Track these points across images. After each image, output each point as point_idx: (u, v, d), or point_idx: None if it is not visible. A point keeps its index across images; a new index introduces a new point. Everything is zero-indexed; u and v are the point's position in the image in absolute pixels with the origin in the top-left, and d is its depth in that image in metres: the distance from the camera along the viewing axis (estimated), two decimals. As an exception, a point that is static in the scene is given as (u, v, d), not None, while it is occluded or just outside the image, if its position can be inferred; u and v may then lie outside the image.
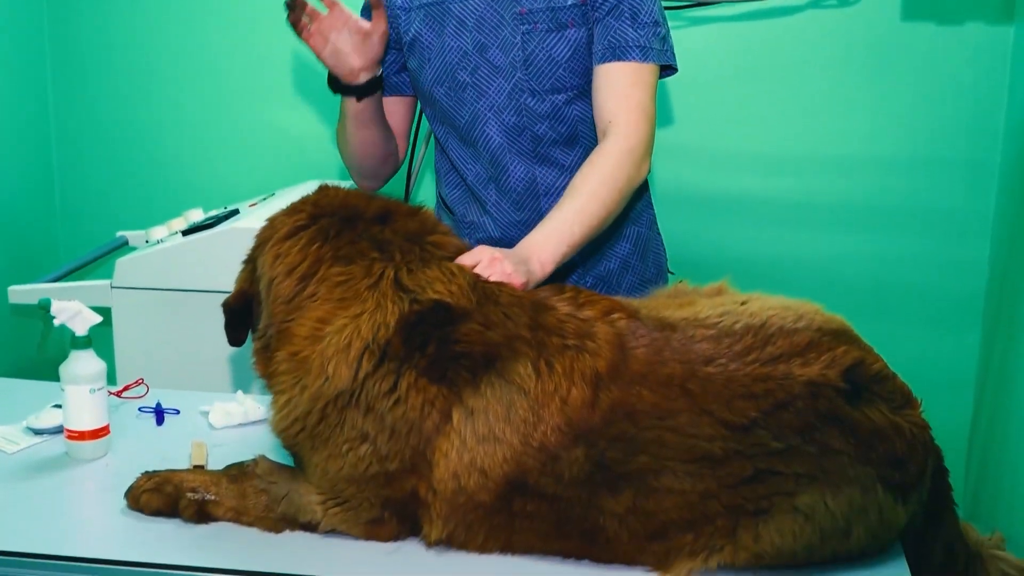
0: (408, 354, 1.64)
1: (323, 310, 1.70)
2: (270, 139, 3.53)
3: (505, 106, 2.17)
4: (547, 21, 2.11)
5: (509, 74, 2.15)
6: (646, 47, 2.07)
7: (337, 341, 1.66)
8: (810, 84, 3.22)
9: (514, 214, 2.24)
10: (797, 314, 1.72)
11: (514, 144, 2.19)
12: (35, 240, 3.59)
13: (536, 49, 2.12)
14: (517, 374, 1.64)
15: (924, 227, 3.21)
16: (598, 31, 2.10)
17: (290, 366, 1.71)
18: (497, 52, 2.15)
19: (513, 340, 1.67)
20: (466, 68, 2.17)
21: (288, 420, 1.72)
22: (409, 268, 1.72)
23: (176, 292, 2.72)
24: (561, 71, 2.13)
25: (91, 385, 2.00)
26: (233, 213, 2.90)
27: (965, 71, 3.13)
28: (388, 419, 1.64)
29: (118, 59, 3.58)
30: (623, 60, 2.08)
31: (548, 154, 2.20)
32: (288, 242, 1.76)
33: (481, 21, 2.15)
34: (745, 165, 3.28)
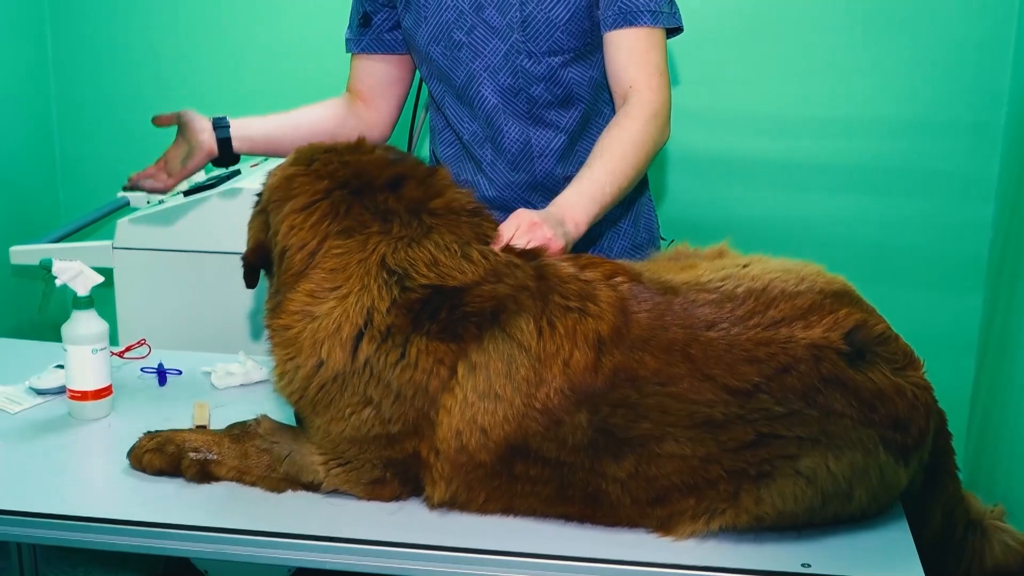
0: (417, 324, 1.64)
1: (314, 281, 1.71)
2: (273, 98, 3.50)
3: (501, 67, 2.15)
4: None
5: (506, 35, 2.12)
6: (656, 11, 2.06)
7: (327, 324, 1.66)
8: (812, 44, 3.19)
9: (509, 175, 2.23)
10: (799, 276, 1.71)
11: (509, 105, 2.17)
12: (36, 201, 3.58)
13: (534, 10, 2.10)
14: (519, 329, 1.64)
15: (927, 189, 3.20)
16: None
17: (282, 340, 1.72)
18: (494, 12, 2.12)
19: (520, 291, 1.67)
20: (462, 27, 2.15)
21: (286, 391, 1.73)
22: (399, 244, 1.70)
23: (178, 253, 2.72)
24: (559, 33, 2.11)
25: (93, 345, 2.00)
26: (235, 173, 2.89)
27: (970, 32, 3.10)
28: (394, 384, 1.64)
29: (119, 18, 3.56)
30: (635, 25, 2.06)
31: (543, 116, 2.18)
32: (303, 214, 1.75)
33: None
34: (746, 126, 3.26)
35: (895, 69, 3.15)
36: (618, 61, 2.09)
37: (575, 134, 2.20)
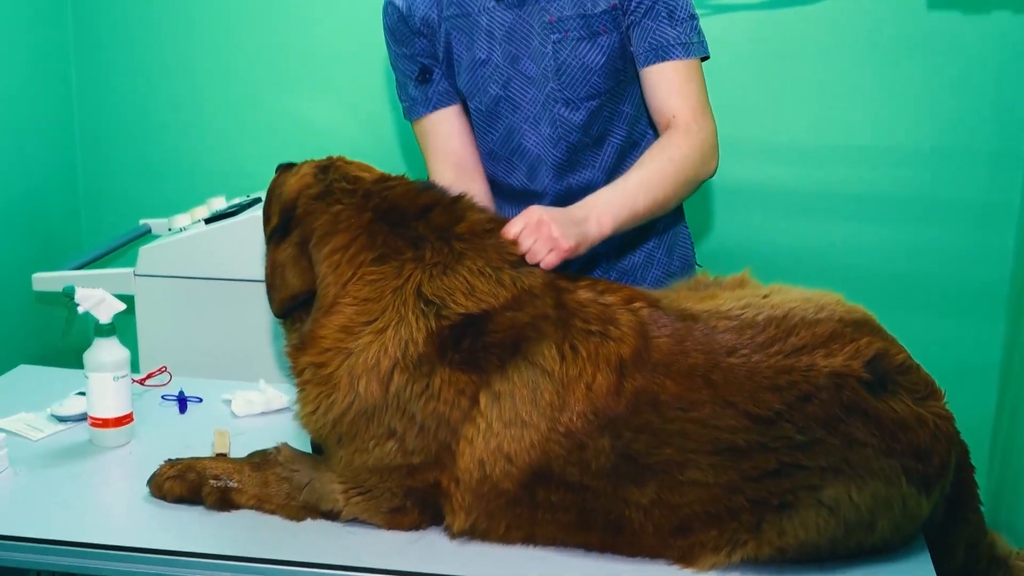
0: (442, 354, 1.65)
1: (347, 315, 1.71)
2: (292, 127, 3.53)
3: (540, 117, 2.13)
4: (578, 29, 2.07)
5: (542, 84, 2.11)
6: (687, 43, 2.06)
7: (365, 360, 1.66)
8: (835, 73, 3.20)
9: None
10: (819, 305, 1.71)
11: (550, 156, 2.15)
12: (59, 228, 3.60)
13: (568, 58, 2.08)
14: (542, 355, 1.64)
15: (948, 217, 3.19)
16: (636, 34, 2.07)
17: (315, 378, 1.71)
18: (528, 62, 2.11)
19: (539, 320, 1.67)
20: (498, 81, 2.13)
21: (315, 425, 1.73)
22: (434, 271, 1.71)
23: (199, 280, 2.73)
24: (595, 78, 2.10)
25: (115, 373, 2.01)
26: (256, 201, 2.90)
27: (990, 60, 3.10)
28: (418, 416, 1.64)
29: (140, 47, 3.59)
30: (667, 59, 2.06)
31: (579, 159, 2.17)
32: (348, 253, 1.75)
33: (511, 32, 2.10)
34: (768, 154, 3.26)
35: (914, 96, 3.15)
36: (659, 96, 2.08)
37: (612, 171, 2.18)
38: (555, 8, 2.07)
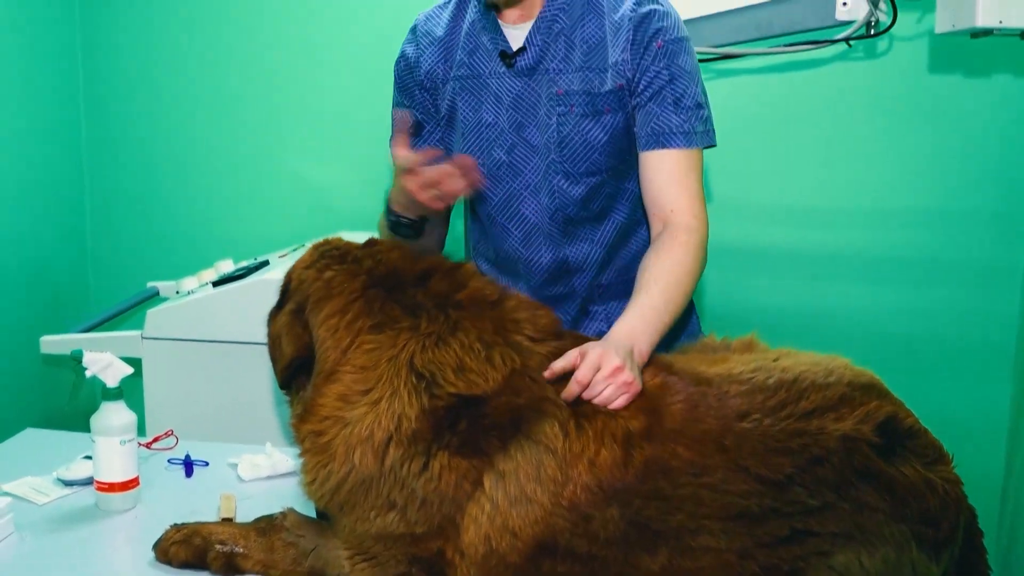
0: (438, 435, 1.64)
1: (344, 383, 1.71)
2: (298, 191, 3.56)
3: (541, 186, 2.12)
4: (583, 105, 2.06)
5: (544, 154, 2.10)
6: (689, 132, 2.03)
7: (360, 431, 1.66)
8: (838, 135, 3.22)
9: (546, 289, 2.19)
10: (828, 369, 1.71)
11: (547, 226, 2.14)
12: (67, 290, 3.62)
13: (571, 132, 2.07)
14: (544, 434, 1.63)
15: (953, 279, 3.20)
16: (640, 116, 2.06)
17: (313, 447, 1.71)
18: (533, 131, 2.10)
19: (540, 402, 1.66)
20: (502, 146, 2.12)
21: (316, 494, 1.73)
22: (427, 342, 1.70)
23: (206, 343, 2.74)
24: (597, 155, 2.09)
25: (121, 437, 2.01)
26: (263, 264, 2.92)
27: (993, 123, 3.13)
28: (419, 492, 1.63)
29: (149, 112, 3.63)
30: (668, 147, 2.04)
31: (577, 233, 2.15)
32: (339, 316, 1.75)
33: (518, 99, 2.10)
34: (772, 217, 3.28)
35: (918, 159, 3.17)
36: (656, 183, 2.05)
37: (612, 246, 2.18)
38: (564, 81, 2.07)
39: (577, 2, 2.09)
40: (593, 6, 2.09)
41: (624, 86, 2.06)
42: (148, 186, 3.66)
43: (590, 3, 2.09)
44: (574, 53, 2.07)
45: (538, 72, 2.09)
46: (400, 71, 2.23)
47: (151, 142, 3.64)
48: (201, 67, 3.57)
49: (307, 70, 3.52)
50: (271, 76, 3.53)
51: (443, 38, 2.17)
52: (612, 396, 1.69)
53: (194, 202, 3.64)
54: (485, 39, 2.12)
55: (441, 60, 2.17)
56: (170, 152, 3.64)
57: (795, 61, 3.17)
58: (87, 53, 3.64)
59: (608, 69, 2.06)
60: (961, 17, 2.23)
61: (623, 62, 2.05)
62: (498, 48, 2.11)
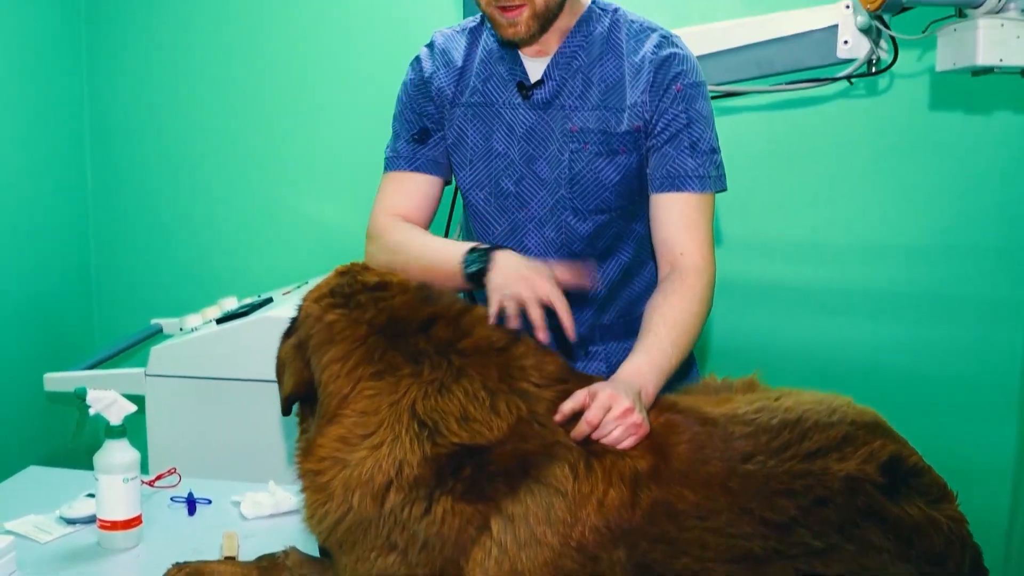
0: (441, 481, 1.62)
1: (345, 426, 1.70)
2: (302, 228, 3.57)
3: (547, 220, 2.11)
4: (598, 144, 2.06)
5: (553, 189, 2.09)
6: (704, 176, 2.04)
7: (359, 474, 1.65)
8: (840, 172, 3.24)
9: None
10: (830, 407, 1.71)
11: (550, 259, 2.09)
12: (72, 327, 3.63)
13: (583, 169, 2.07)
14: (554, 476, 1.62)
15: (956, 315, 3.20)
16: (656, 158, 2.06)
17: (312, 485, 1.71)
18: (543, 165, 2.09)
19: (550, 446, 1.66)
20: (511, 177, 2.11)
21: (315, 530, 1.72)
22: (430, 389, 1.70)
23: (210, 380, 2.74)
24: (607, 193, 2.08)
25: (124, 475, 2.01)
26: (267, 301, 2.92)
27: (994, 159, 3.14)
28: (421, 535, 1.62)
29: (154, 149, 3.65)
30: (682, 191, 2.04)
31: None
32: (341, 363, 1.75)
33: (530, 132, 2.09)
34: (775, 252, 3.28)
35: (920, 195, 3.18)
36: (668, 225, 2.05)
37: (616, 285, 2.17)
38: (579, 118, 2.06)
39: (596, 41, 2.09)
40: (612, 47, 2.09)
41: (641, 127, 2.06)
42: (152, 223, 3.68)
43: (609, 43, 2.09)
44: (591, 91, 2.07)
45: (553, 107, 2.08)
46: (413, 77, 2.20)
47: (156, 179, 3.66)
48: (205, 105, 3.60)
49: (310, 107, 3.54)
50: (275, 114, 3.55)
51: (459, 63, 2.16)
52: (621, 437, 1.69)
53: (198, 239, 3.65)
54: (502, 69, 2.12)
55: (453, 83, 2.15)
56: (174, 189, 3.65)
57: (797, 98, 3.19)
58: (93, 92, 3.66)
59: (625, 110, 2.06)
60: (962, 55, 2.25)
61: (641, 104, 2.05)
62: (515, 78, 2.10)
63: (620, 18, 2.12)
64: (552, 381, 1.77)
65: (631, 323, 2.02)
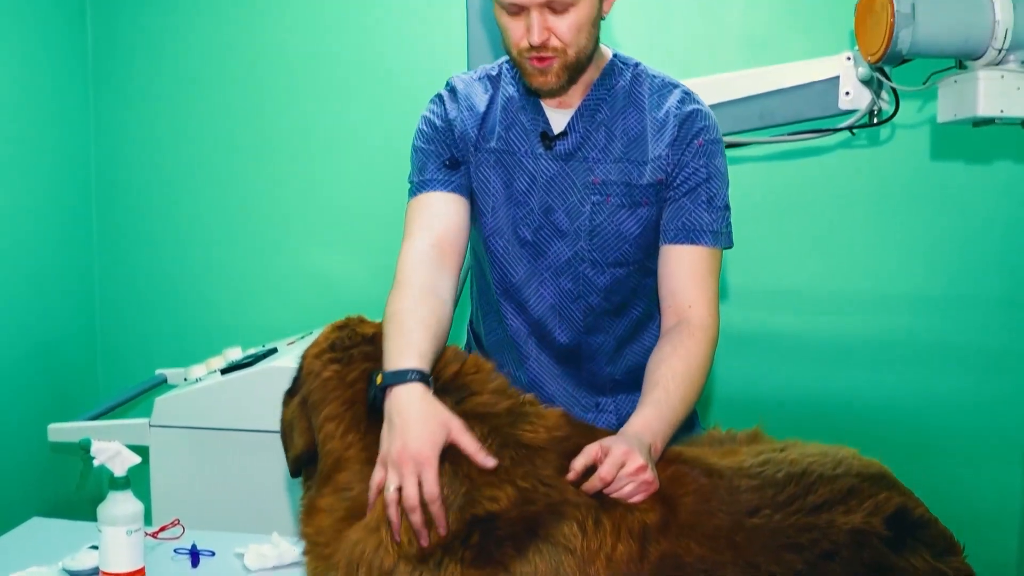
0: (449, 550, 1.61)
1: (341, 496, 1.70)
2: (306, 278, 3.58)
3: (564, 270, 2.11)
4: (621, 196, 2.07)
5: (572, 240, 2.09)
6: (718, 232, 2.06)
7: (363, 550, 1.63)
8: (842, 222, 3.25)
9: (554, 367, 2.18)
10: (835, 459, 1.71)
11: (566, 310, 2.13)
12: (76, 377, 3.63)
13: (605, 222, 2.07)
14: (562, 534, 1.61)
15: (961, 364, 3.20)
16: (671, 210, 2.07)
17: (314, 551, 1.70)
18: (562, 216, 2.09)
19: (558, 505, 1.65)
20: (529, 226, 2.11)
21: None
22: None
23: (214, 431, 2.74)
24: (627, 246, 2.09)
25: (128, 527, 1.99)
26: (271, 351, 2.93)
27: (996, 208, 3.15)
28: None
29: (159, 199, 3.67)
30: (696, 244, 2.05)
31: (596, 324, 2.15)
32: (334, 423, 1.75)
33: (552, 182, 2.09)
34: (777, 302, 3.29)
35: (923, 245, 3.19)
36: (678, 277, 2.06)
37: (624, 339, 2.18)
38: (601, 171, 2.07)
39: (619, 95, 2.10)
40: (634, 101, 2.10)
41: (663, 180, 2.07)
42: (157, 273, 3.69)
43: (631, 98, 2.11)
44: (614, 144, 2.08)
45: (576, 158, 2.08)
46: (437, 113, 2.17)
47: (161, 229, 3.67)
48: (209, 157, 3.62)
49: (315, 158, 3.56)
50: (279, 165, 3.58)
51: (481, 108, 2.15)
52: (632, 493, 1.69)
53: (202, 289, 3.66)
54: (524, 118, 2.12)
55: (476, 128, 2.14)
56: (179, 239, 3.67)
57: (799, 149, 3.21)
58: (99, 144, 3.69)
59: (648, 162, 2.06)
60: (963, 107, 2.26)
61: (664, 157, 2.06)
62: (538, 129, 2.10)
63: (641, 72, 2.14)
64: (557, 439, 1.76)
65: (641, 377, 2.02)
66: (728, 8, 3.28)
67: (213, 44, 3.58)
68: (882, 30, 2.19)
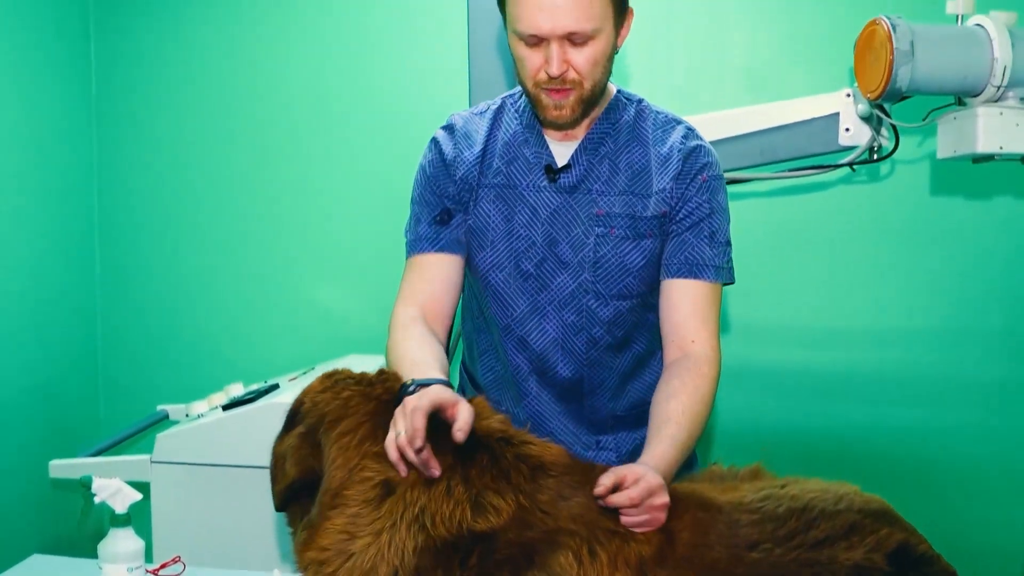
0: (447, 570, 1.62)
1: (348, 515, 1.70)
2: (308, 314, 3.59)
3: (567, 303, 2.11)
4: (625, 228, 2.08)
5: (576, 272, 2.10)
6: (720, 267, 2.08)
7: (362, 563, 1.64)
8: (843, 257, 3.25)
9: (555, 404, 2.18)
10: (837, 495, 1.71)
11: (569, 343, 2.13)
12: (77, 413, 3.63)
13: (609, 253, 2.08)
14: (558, 564, 1.62)
15: (962, 398, 3.19)
16: (673, 244, 2.09)
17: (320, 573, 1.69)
18: (566, 248, 2.10)
19: (553, 534, 1.65)
20: (532, 259, 2.11)
21: None
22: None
23: (216, 467, 2.73)
24: (631, 278, 2.10)
25: (129, 564, 1.99)
26: (273, 388, 2.93)
27: (996, 244, 3.16)
28: None
29: (160, 235, 3.68)
30: (699, 278, 2.07)
31: (598, 358, 2.14)
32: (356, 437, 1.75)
33: (555, 214, 2.10)
34: (779, 337, 3.29)
35: (926, 281, 3.20)
36: (681, 311, 2.07)
37: (626, 374, 2.18)
38: (605, 203, 2.08)
39: (623, 130, 2.13)
40: (638, 136, 2.13)
41: (667, 213, 2.09)
42: (159, 309, 3.69)
43: (635, 133, 2.13)
44: (618, 177, 2.10)
45: (579, 191, 2.10)
46: (433, 160, 2.19)
47: (162, 265, 3.68)
48: (212, 190, 3.63)
49: (318, 193, 3.57)
50: (282, 200, 3.59)
51: (480, 146, 2.16)
52: (643, 524, 1.69)
53: (204, 325, 3.66)
54: (527, 151, 2.13)
55: (477, 165, 2.15)
56: (180, 275, 3.67)
57: (800, 184, 3.22)
58: (102, 180, 3.70)
59: (652, 195, 2.08)
60: (962, 143, 2.27)
61: (668, 190, 2.08)
62: (542, 162, 2.12)
63: (645, 108, 2.17)
64: (558, 470, 1.77)
65: (642, 414, 2.03)
66: (730, 45, 3.31)
67: (217, 79, 3.60)
68: (881, 67, 2.21)
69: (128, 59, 3.66)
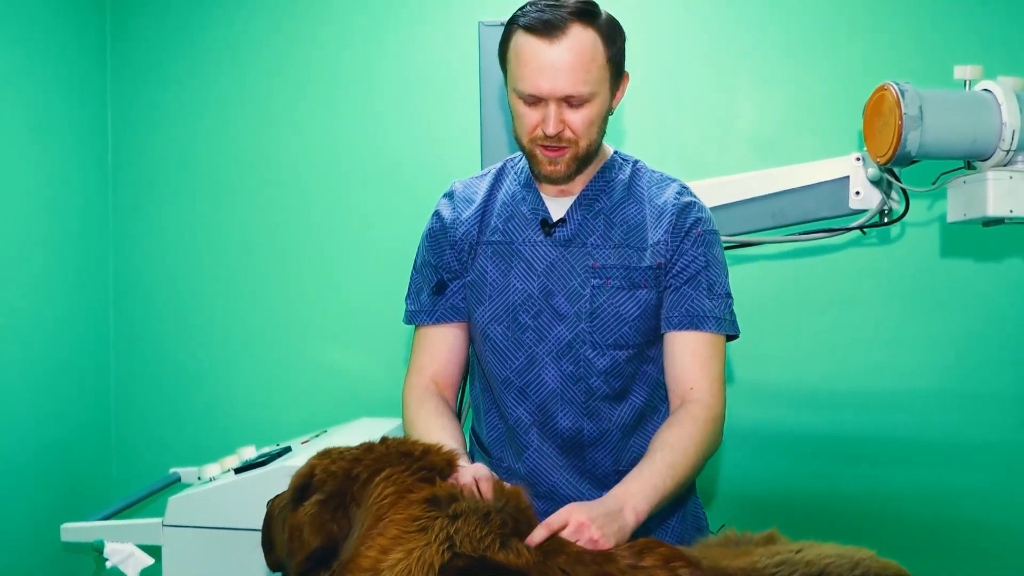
0: None
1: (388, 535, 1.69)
2: (320, 377, 3.59)
3: (564, 353, 2.14)
4: (620, 279, 2.12)
5: (572, 323, 2.13)
6: (721, 318, 2.11)
7: None
8: (853, 319, 3.26)
9: (557, 457, 2.18)
10: (852, 561, 1.69)
11: (567, 392, 2.15)
12: (89, 476, 3.62)
13: (605, 304, 2.12)
14: None
15: (975, 461, 3.18)
16: (672, 297, 2.12)
17: None
18: (562, 300, 2.13)
19: None
20: (529, 311, 2.15)
21: None
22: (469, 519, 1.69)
23: (228, 531, 2.72)
24: (627, 329, 2.12)
25: (141, 629, 1.99)
26: (286, 451, 2.92)
27: (1008, 306, 3.16)
28: None
29: (173, 298, 3.70)
30: (700, 330, 2.10)
31: (598, 409, 2.16)
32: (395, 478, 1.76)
33: (552, 267, 2.15)
34: (790, 400, 3.28)
35: (937, 344, 3.20)
36: (681, 362, 2.11)
37: (628, 429, 2.19)
38: (600, 256, 2.13)
39: (618, 187, 2.18)
40: (633, 193, 2.18)
41: (663, 264, 2.12)
42: (171, 371, 3.70)
43: (630, 191, 2.18)
44: (613, 231, 2.14)
45: (575, 244, 2.15)
46: (434, 229, 2.26)
47: (176, 328, 3.70)
48: (224, 253, 3.65)
49: (329, 256, 3.59)
50: (293, 263, 3.61)
51: (480, 204, 2.23)
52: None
53: (217, 388, 3.67)
54: (524, 208, 2.19)
55: (476, 224, 2.22)
56: (193, 338, 3.69)
57: (810, 247, 3.23)
58: (117, 246, 3.73)
59: (647, 248, 2.13)
60: (972, 207, 2.28)
61: (663, 242, 2.13)
62: (538, 217, 2.17)
63: (640, 168, 2.23)
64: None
65: None
66: (739, 110, 3.34)
67: (228, 144, 3.64)
68: (890, 132, 2.22)
69: (142, 125, 3.71)
